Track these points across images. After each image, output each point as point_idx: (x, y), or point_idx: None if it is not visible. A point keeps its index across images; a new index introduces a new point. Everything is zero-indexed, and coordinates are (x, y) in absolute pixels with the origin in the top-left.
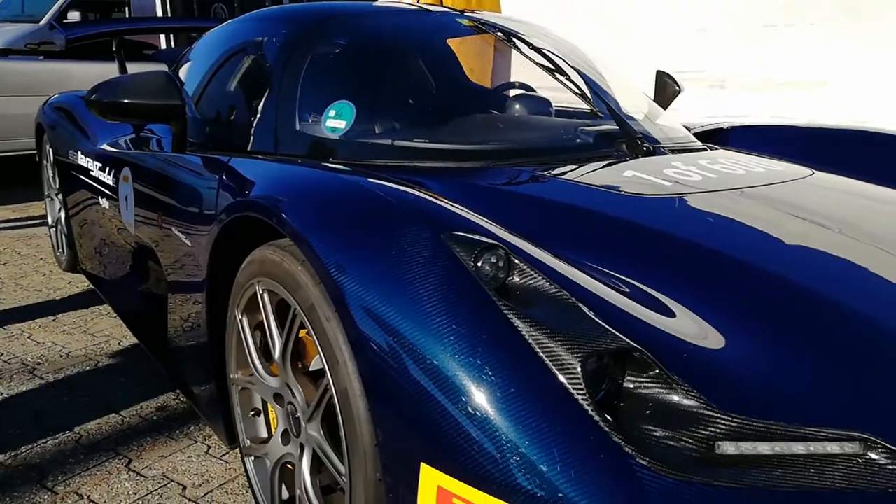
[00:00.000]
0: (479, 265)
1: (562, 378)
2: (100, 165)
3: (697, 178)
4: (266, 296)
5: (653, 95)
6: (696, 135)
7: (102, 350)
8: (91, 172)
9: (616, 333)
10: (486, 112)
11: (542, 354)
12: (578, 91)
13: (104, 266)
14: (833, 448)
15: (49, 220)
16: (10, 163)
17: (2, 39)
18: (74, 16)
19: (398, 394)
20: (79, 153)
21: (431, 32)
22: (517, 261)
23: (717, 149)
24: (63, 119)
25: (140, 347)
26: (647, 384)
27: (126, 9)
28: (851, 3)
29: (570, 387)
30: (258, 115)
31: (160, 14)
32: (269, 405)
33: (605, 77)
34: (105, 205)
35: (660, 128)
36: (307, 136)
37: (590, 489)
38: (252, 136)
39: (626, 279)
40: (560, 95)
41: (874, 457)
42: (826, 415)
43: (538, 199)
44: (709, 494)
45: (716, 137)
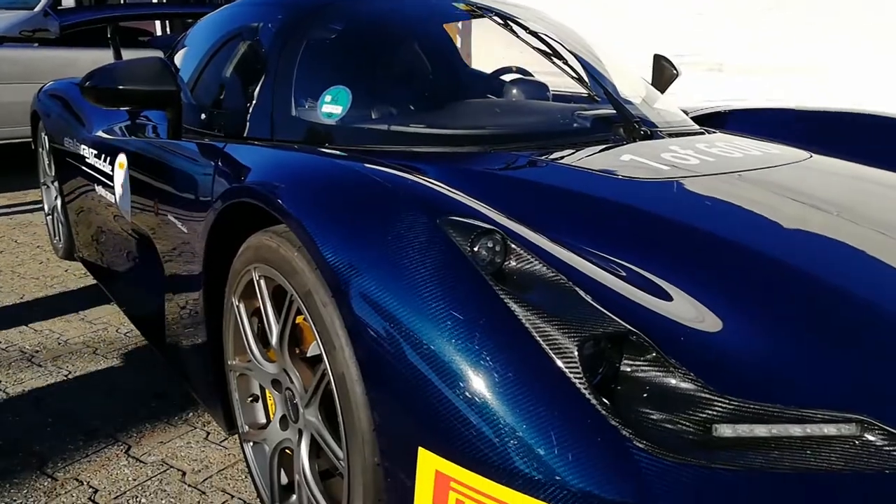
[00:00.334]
0: (476, 250)
1: (559, 362)
2: (95, 153)
3: (695, 162)
4: (263, 282)
5: (650, 79)
6: (694, 118)
7: (100, 337)
8: (87, 160)
9: (613, 317)
10: (483, 97)
11: (540, 339)
12: (576, 75)
13: (101, 253)
14: (830, 430)
15: (45, 208)
16: (6, 151)
17: None
18: (69, 2)
19: (395, 378)
20: (74, 140)
21: (428, 17)
22: (514, 245)
23: (715, 132)
24: (58, 106)
25: (137, 334)
26: (645, 367)
27: None
28: None
29: (568, 370)
30: (254, 101)
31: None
32: (267, 391)
33: (603, 61)
34: (101, 192)
35: (657, 112)
36: (303, 122)
37: (587, 472)
38: (248, 122)
39: (624, 263)
40: (557, 80)
41: (871, 438)
42: (823, 397)
43: (535, 184)
44: (706, 477)
45: (714, 121)
